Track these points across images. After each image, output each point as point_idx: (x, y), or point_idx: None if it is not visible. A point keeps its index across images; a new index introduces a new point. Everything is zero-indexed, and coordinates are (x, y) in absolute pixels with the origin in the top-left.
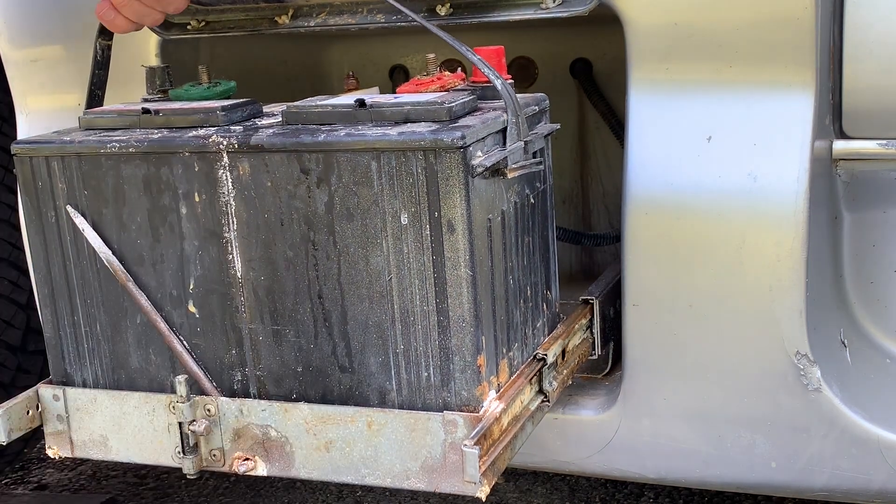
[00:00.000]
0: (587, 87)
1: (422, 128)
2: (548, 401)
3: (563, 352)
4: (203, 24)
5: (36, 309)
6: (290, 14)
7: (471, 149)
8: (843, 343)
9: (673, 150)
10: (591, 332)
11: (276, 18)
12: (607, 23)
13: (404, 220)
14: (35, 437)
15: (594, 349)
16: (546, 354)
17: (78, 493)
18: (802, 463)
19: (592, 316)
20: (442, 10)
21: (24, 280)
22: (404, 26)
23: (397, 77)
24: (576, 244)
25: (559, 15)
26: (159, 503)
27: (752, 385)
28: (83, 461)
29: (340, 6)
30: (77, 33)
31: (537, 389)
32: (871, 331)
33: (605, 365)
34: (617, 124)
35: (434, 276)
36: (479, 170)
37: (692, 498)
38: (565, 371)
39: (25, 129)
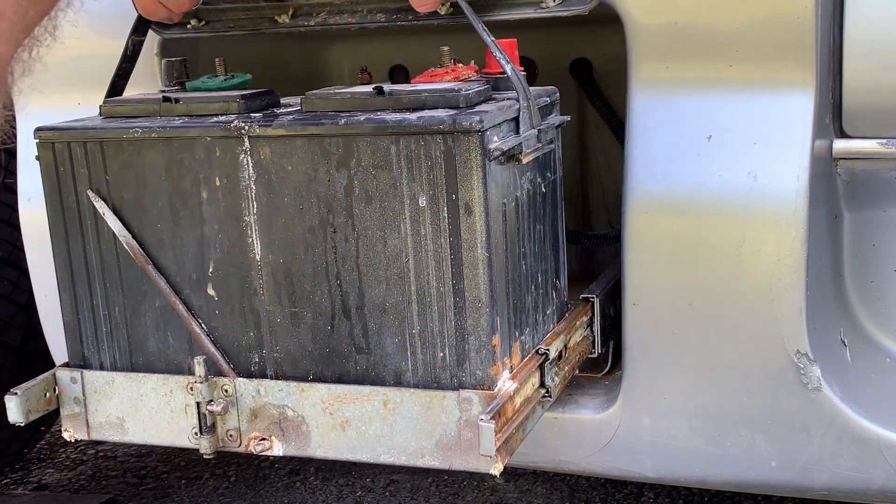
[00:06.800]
0: (587, 87)
1: (440, 113)
2: (549, 396)
3: (565, 348)
4: (203, 22)
5: (36, 309)
6: (290, 13)
7: (488, 133)
8: (843, 342)
9: (673, 150)
10: (592, 331)
11: (276, 18)
12: (607, 23)
13: (422, 202)
14: (35, 437)
15: (594, 347)
16: (548, 349)
17: (78, 493)
18: (802, 462)
19: (593, 314)
20: (442, 10)
21: (24, 280)
22: (405, 26)
23: (397, 77)
24: (576, 244)
25: (559, 14)
26: (159, 503)
27: (752, 384)
28: (83, 461)
29: (340, 6)
30: (76, 34)
31: (539, 384)
32: (871, 330)
33: (604, 364)
34: (617, 124)
35: (451, 258)
36: (496, 154)
37: (692, 498)
38: (567, 367)
39: (25, 129)
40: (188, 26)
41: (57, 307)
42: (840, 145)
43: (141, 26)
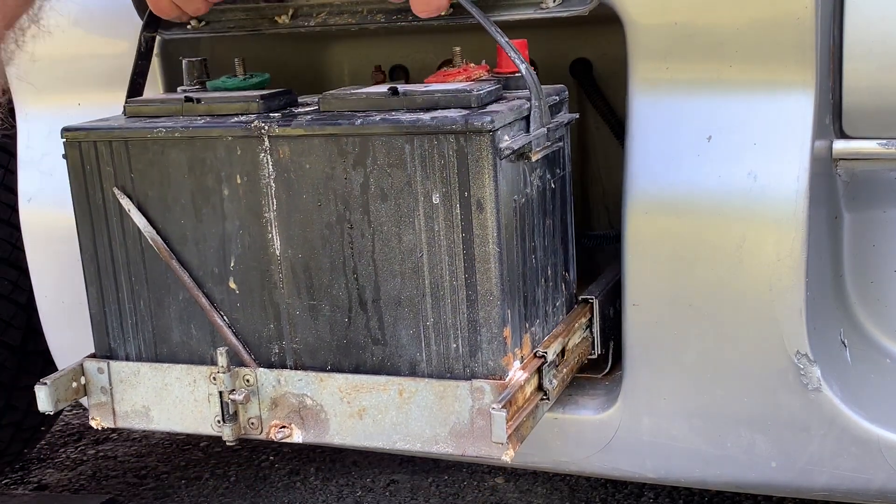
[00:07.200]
0: (587, 87)
1: (453, 113)
2: (547, 398)
3: (563, 350)
4: (203, 23)
5: (36, 309)
6: (290, 14)
7: (499, 132)
8: (843, 343)
9: (673, 150)
10: (591, 332)
11: (276, 18)
12: (607, 23)
13: (436, 199)
14: (35, 437)
15: (594, 348)
16: (546, 352)
17: (78, 493)
18: (802, 462)
19: (592, 315)
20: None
21: (24, 280)
22: (405, 26)
23: (397, 78)
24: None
25: (559, 15)
26: (159, 503)
27: (752, 384)
28: (83, 461)
29: (340, 6)
30: (76, 33)
31: (537, 386)
32: (871, 331)
33: (604, 364)
34: (617, 124)
35: (463, 253)
36: (507, 152)
37: (692, 498)
38: (565, 370)
39: (25, 129)
40: (188, 26)
41: (57, 307)
42: (840, 146)
43: (152, 22)
